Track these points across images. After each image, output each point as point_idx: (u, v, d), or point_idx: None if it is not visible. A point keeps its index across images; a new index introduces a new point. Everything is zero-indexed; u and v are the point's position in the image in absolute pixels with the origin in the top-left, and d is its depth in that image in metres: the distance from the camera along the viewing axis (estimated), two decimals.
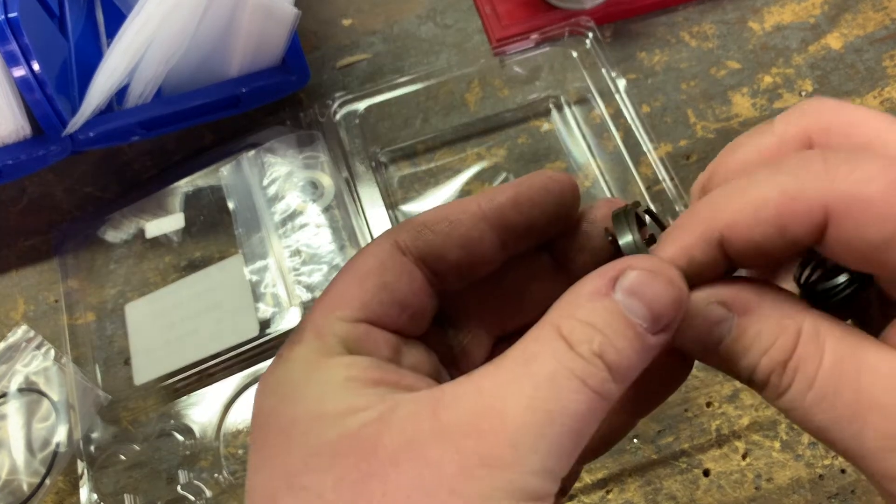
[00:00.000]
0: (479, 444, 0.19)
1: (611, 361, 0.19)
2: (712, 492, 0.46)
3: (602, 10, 0.60)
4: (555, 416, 0.19)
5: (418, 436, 0.19)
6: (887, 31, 0.60)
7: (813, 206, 0.19)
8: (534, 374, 0.19)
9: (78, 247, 0.55)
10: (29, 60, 0.46)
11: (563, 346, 0.19)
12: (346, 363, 0.21)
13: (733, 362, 0.22)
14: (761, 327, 0.21)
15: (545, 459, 0.18)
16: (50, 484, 0.47)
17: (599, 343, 0.19)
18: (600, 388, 0.19)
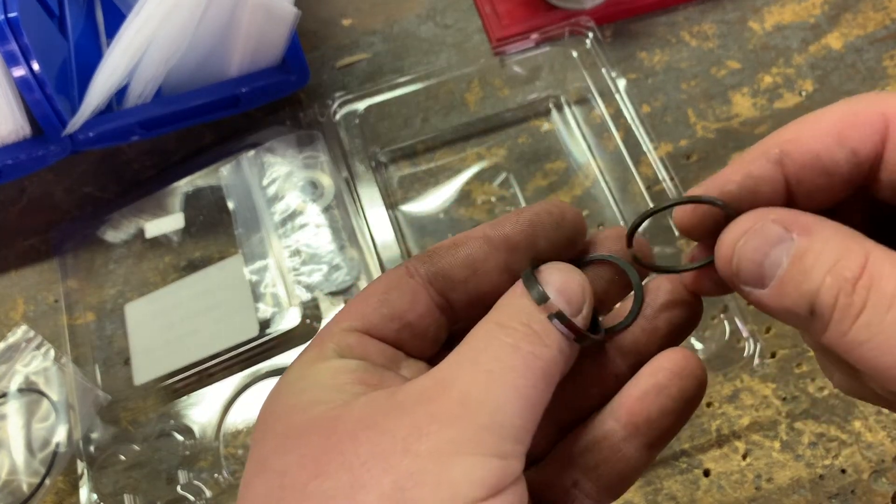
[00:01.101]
0: (429, 407, 0.20)
1: (538, 329, 0.22)
2: (712, 492, 0.46)
3: (602, 10, 0.59)
4: (496, 375, 0.21)
5: (375, 413, 0.21)
6: (887, 31, 0.60)
7: (872, 113, 0.21)
8: (475, 350, 0.22)
9: (77, 247, 0.55)
10: (29, 60, 0.46)
11: (496, 328, 0.22)
12: (334, 365, 0.23)
13: (791, 289, 0.20)
14: (825, 247, 0.20)
15: (494, 414, 0.20)
16: (50, 484, 0.47)
17: (526, 316, 0.22)
18: (534, 350, 0.21)
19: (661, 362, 0.24)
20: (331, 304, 0.49)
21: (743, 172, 0.23)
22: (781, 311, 0.21)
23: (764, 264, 0.21)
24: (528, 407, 0.21)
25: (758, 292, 0.21)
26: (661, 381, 0.23)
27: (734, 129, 0.57)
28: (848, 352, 0.19)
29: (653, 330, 0.26)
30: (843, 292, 0.19)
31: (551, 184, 0.55)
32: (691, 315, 0.26)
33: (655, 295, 0.26)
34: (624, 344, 0.26)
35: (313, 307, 0.49)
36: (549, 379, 0.22)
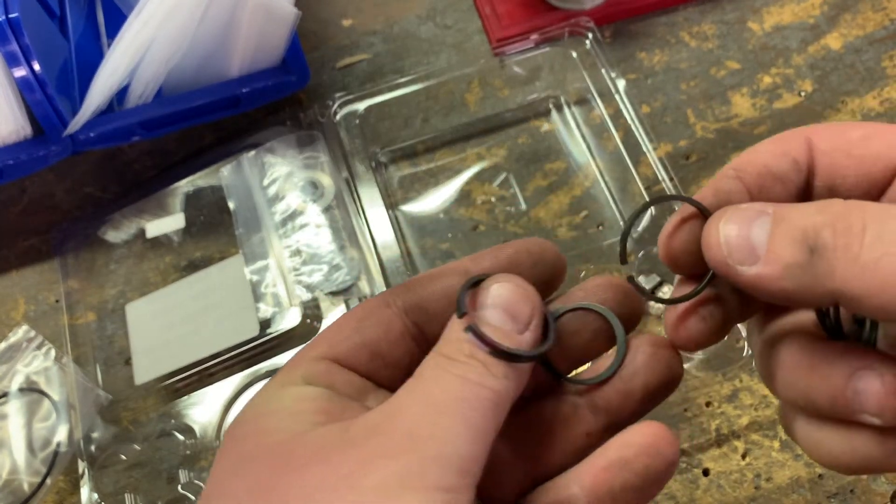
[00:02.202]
0: (377, 441, 0.20)
1: (483, 359, 0.22)
2: (712, 491, 0.46)
3: (602, 11, 0.60)
4: (443, 407, 0.21)
5: (326, 445, 0.21)
6: (887, 32, 0.60)
7: (799, 134, 0.25)
8: (425, 382, 0.22)
9: (78, 247, 0.55)
10: (29, 60, 0.46)
11: (443, 360, 0.22)
12: (298, 392, 0.23)
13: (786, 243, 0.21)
14: (801, 206, 0.21)
15: (441, 447, 0.20)
16: (50, 483, 0.47)
17: (469, 348, 0.22)
18: (480, 380, 0.22)
19: (631, 436, 0.23)
20: (331, 304, 0.49)
21: (713, 189, 0.24)
22: (780, 274, 0.21)
23: (751, 237, 0.21)
24: (477, 439, 0.21)
25: (754, 269, 0.21)
26: (628, 455, 0.23)
27: (734, 129, 0.57)
28: (866, 277, 0.19)
29: (627, 392, 0.25)
30: (839, 220, 0.20)
31: (551, 184, 0.55)
32: (669, 379, 0.26)
33: (635, 355, 0.26)
34: (597, 402, 0.25)
35: (314, 307, 0.49)
36: (498, 409, 0.22)
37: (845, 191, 0.24)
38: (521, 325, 0.23)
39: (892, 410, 0.21)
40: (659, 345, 0.26)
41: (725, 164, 0.25)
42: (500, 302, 0.23)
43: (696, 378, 0.49)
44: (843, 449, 0.23)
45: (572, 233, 0.53)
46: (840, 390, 0.22)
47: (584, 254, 0.51)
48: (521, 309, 0.23)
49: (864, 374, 0.22)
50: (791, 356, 0.24)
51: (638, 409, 0.26)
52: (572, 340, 0.26)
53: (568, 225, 0.54)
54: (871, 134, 0.24)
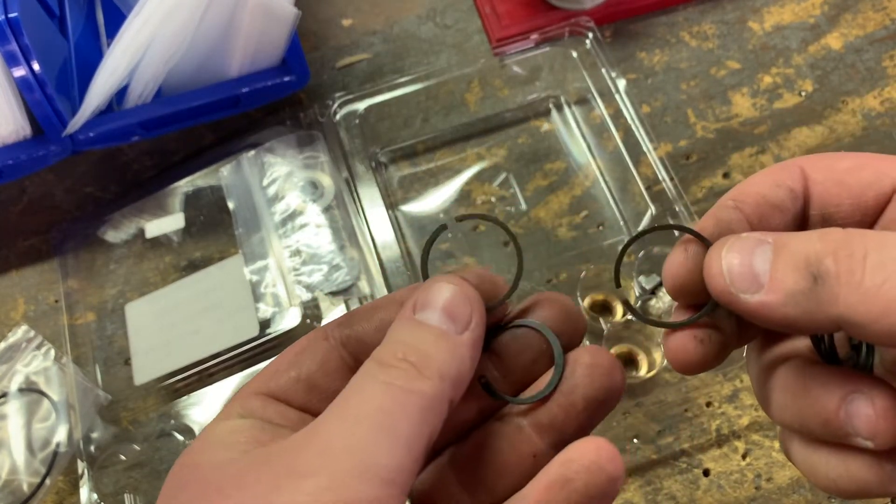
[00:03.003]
0: (292, 460, 0.20)
1: (416, 361, 0.22)
2: (712, 492, 0.46)
3: (602, 10, 0.60)
4: (362, 417, 0.20)
5: (245, 469, 0.21)
6: (887, 32, 0.60)
7: (793, 164, 0.25)
8: (348, 394, 0.22)
9: (78, 247, 0.55)
10: (29, 60, 0.46)
11: (373, 366, 0.22)
12: (231, 425, 0.23)
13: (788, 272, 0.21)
14: (802, 235, 0.22)
15: (359, 459, 0.20)
16: (50, 484, 0.47)
17: (403, 350, 0.22)
18: (409, 385, 0.21)
19: (571, 453, 0.23)
20: (331, 304, 0.49)
21: (713, 218, 0.25)
22: (784, 301, 0.21)
23: (753, 265, 0.22)
24: (402, 447, 0.20)
25: (757, 297, 0.21)
26: (569, 474, 0.22)
27: (734, 129, 0.57)
28: (869, 303, 0.19)
29: (569, 406, 0.25)
30: (841, 248, 0.20)
31: (551, 184, 0.55)
32: (610, 389, 0.25)
33: (573, 368, 0.25)
34: (541, 421, 0.25)
35: (313, 307, 0.49)
36: (430, 413, 0.21)
37: (840, 219, 0.24)
38: (461, 325, 0.23)
39: (884, 433, 0.22)
40: (597, 356, 0.25)
41: (723, 193, 0.26)
42: (439, 302, 0.23)
43: (696, 378, 0.48)
44: (839, 473, 0.23)
45: (572, 233, 0.53)
46: (833, 413, 0.22)
47: (584, 254, 0.51)
48: (460, 310, 0.23)
49: (856, 398, 0.22)
50: (786, 380, 0.24)
51: (583, 423, 0.25)
52: (514, 362, 0.26)
53: (568, 225, 0.54)
54: (861, 164, 0.24)
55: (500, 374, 0.26)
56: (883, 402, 0.22)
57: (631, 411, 0.48)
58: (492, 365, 0.26)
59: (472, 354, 0.23)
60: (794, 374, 0.24)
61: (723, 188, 0.55)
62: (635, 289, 0.48)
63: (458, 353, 0.23)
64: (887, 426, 0.21)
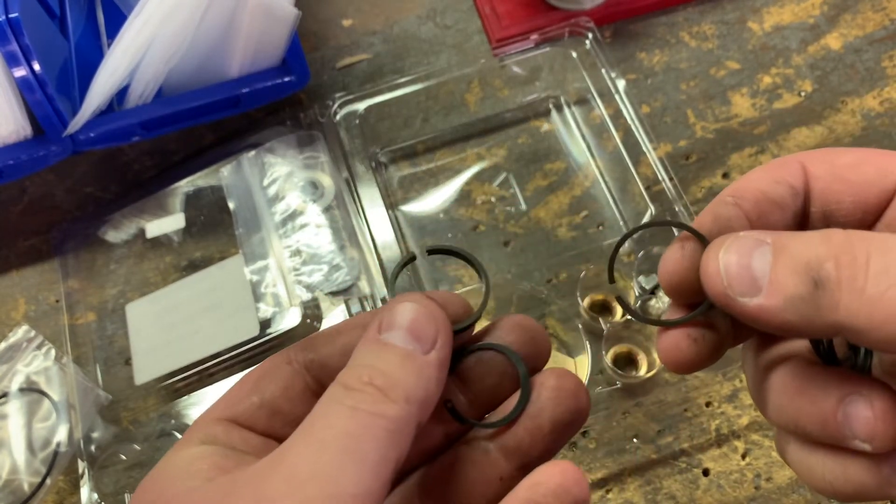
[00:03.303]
0: (256, 488, 0.20)
1: (381, 385, 0.21)
2: (712, 491, 0.46)
3: (602, 11, 0.60)
4: (327, 443, 0.20)
5: (209, 498, 0.20)
6: (886, 32, 0.60)
7: (793, 160, 0.25)
8: (313, 419, 0.21)
9: (78, 247, 0.55)
10: (30, 61, 0.46)
11: (339, 390, 0.22)
12: (193, 453, 0.23)
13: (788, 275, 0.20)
14: (801, 236, 0.21)
15: (324, 486, 0.19)
16: (50, 483, 0.47)
17: (368, 374, 0.21)
18: (373, 408, 0.21)
19: (538, 477, 0.23)
20: (331, 304, 0.50)
21: (712, 214, 0.24)
22: (783, 306, 0.20)
23: (752, 267, 0.21)
24: (368, 471, 0.20)
25: (755, 300, 0.21)
26: (536, 497, 0.22)
27: (733, 129, 0.57)
28: (871, 310, 0.19)
29: (536, 429, 0.25)
30: (842, 252, 0.20)
31: (551, 184, 0.55)
32: (576, 411, 0.25)
33: (540, 391, 0.25)
34: (507, 444, 0.25)
35: (314, 307, 0.49)
36: (397, 436, 0.21)
37: (841, 217, 0.24)
38: (427, 345, 0.23)
39: (882, 436, 0.21)
40: (563, 379, 0.25)
41: (722, 191, 0.25)
42: (404, 322, 0.23)
43: (696, 378, 0.49)
44: (835, 475, 0.23)
45: (572, 233, 0.53)
46: (830, 415, 0.22)
47: (584, 254, 0.51)
48: (425, 329, 0.23)
49: (854, 400, 0.22)
50: (783, 381, 0.24)
51: (549, 446, 0.25)
52: (480, 385, 0.26)
53: (568, 225, 0.54)
54: (862, 160, 0.24)
55: (466, 397, 0.26)
56: (881, 405, 0.21)
57: (630, 411, 0.48)
58: (457, 388, 0.26)
59: (439, 375, 0.23)
60: (791, 375, 0.24)
61: (722, 188, 0.54)
62: (635, 289, 0.48)
63: (424, 373, 0.22)
64: (886, 429, 0.21)
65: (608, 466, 0.47)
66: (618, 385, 0.48)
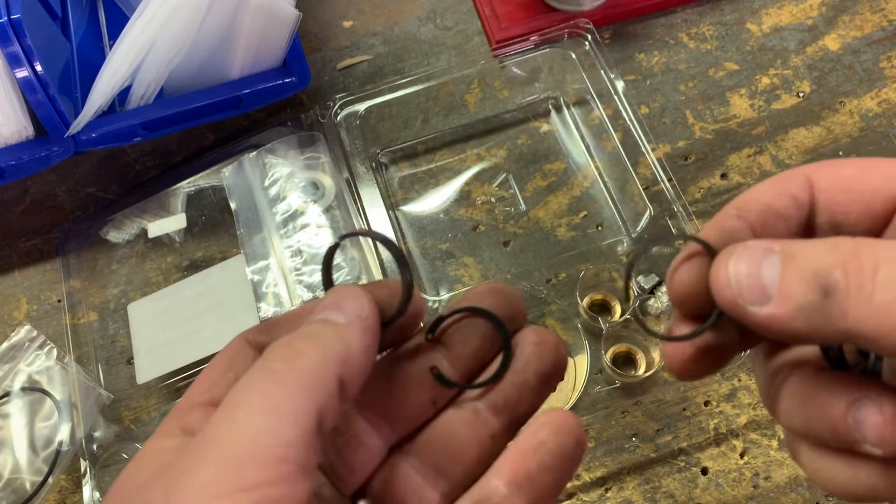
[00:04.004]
0: (182, 463, 0.20)
1: (297, 344, 0.22)
2: (710, 490, 0.46)
3: (601, 12, 0.60)
4: (238, 405, 0.20)
5: (150, 485, 0.21)
6: (885, 33, 0.60)
7: (798, 173, 0.25)
8: (234, 390, 0.21)
9: (80, 247, 0.55)
10: (31, 62, 0.46)
11: (261, 360, 0.22)
12: (164, 445, 0.23)
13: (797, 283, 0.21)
14: (810, 244, 0.21)
15: (239, 442, 0.19)
16: (52, 482, 0.47)
17: (288, 339, 0.22)
18: (287, 364, 0.21)
19: (541, 420, 0.24)
20: None
21: (717, 227, 0.24)
22: (793, 315, 0.21)
23: (761, 276, 0.21)
24: (285, 422, 0.20)
25: (765, 309, 0.21)
26: (541, 437, 0.23)
27: (732, 130, 0.57)
28: (880, 318, 0.19)
29: (522, 383, 0.26)
30: (850, 261, 0.20)
31: (550, 184, 0.55)
32: (557, 363, 0.26)
33: (522, 347, 0.26)
34: (496, 401, 0.26)
35: None
36: (311, 387, 0.21)
37: (848, 227, 0.24)
38: (349, 316, 0.23)
39: (893, 441, 0.21)
40: (542, 334, 0.26)
41: (727, 204, 0.25)
42: (328, 303, 0.24)
43: None
44: (846, 477, 0.23)
45: (571, 233, 0.54)
46: (840, 420, 0.22)
47: (583, 254, 0.51)
48: (348, 304, 0.23)
49: (864, 405, 0.22)
50: (793, 386, 0.24)
51: (535, 399, 0.26)
52: (463, 349, 0.27)
53: (567, 225, 0.54)
54: (866, 170, 0.24)
55: (450, 362, 0.27)
56: (892, 409, 0.21)
57: (629, 410, 0.48)
58: (440, 355, 0.27)
59: (363, 340, 0.23)
60: (801, 381, 0.24)
61: (721, 189, 0.55)
62: (634, 289, 0.48)
63: (345, 336, 0.23)
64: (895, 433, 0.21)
65: (607, 465, 0.47)
66: (617, 384, 0.48)
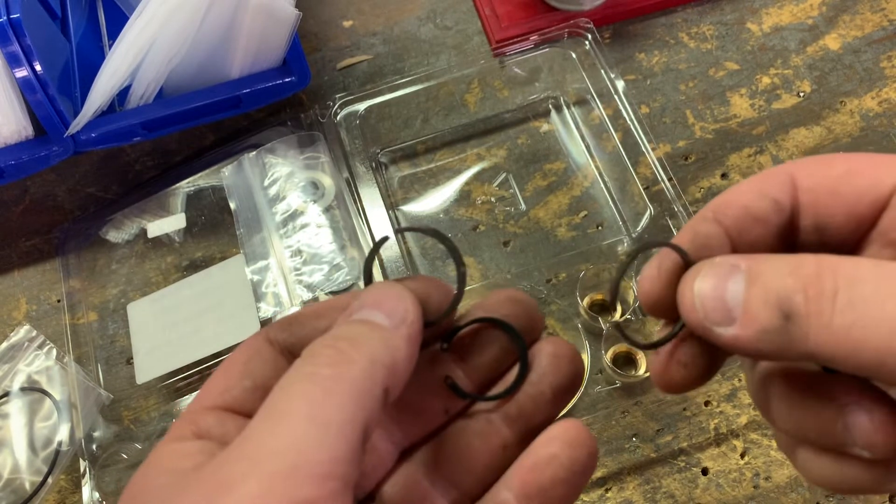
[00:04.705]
0: (219, 474, 0.19)
1: (344, 347, 0.21)
2: (711, 490, 0.46)
3: (601, 12, 0.60)
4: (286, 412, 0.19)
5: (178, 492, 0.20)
6: (885, 32, 0.60)
7: (781, 172, 0.24)
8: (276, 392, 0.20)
9: (80, 247, 0.55)
10: (31, 61, 0.46)
11: (301, 361, 0.21)
12: (179, 448, 0.22)
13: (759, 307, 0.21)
14: (774, 263, 0.21)
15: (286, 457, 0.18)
16: (52, 482, 0.47)
17: (332, 340, 0.21)
18: (336, 371, 0.20)
19: (553, 432, 0.24)
20: None
21: (691, 232, 0.24)
22: (757, 337, 0.21)
23: (726, 298, 0.21)
24: (333, 436, 0.19)
25: (730, 330, 0.21)
26: (553, 450, 0.23)
27: (732, 129, 0.57)
28: (838, 343, 0.20)
29: (538, 395, 0.25)
30: (811, 285, 0.20)
31: (550, 184, 0.55)
32: (574, 376, 0.26)
33: (538, 359, 0.26)
34: (510, 412, 0.25)
35: None
36: (361, 396, 0.20)
37: (834, 230, 0.24)
38: (395, 320, 0.22)
39: (881, 444, 0.22)
40: (559, 346, 0.26)
41: (706, 205, 0.25)
42: (372, 301, 0.23)
43: None
44: (833, 473, 0.23)
45: (572, 233, 0.54)
46: (831, 424, 0.22)
47: (583, 254, 0.51)
48: (394, 306, 0.23)
49: (854, 409, 0.22)
50: (783, 390, 0.24)
51: (550, 412, 0.26)
52: (478, 360, 0.26)
53: (567, 225, 0.54)
54: (855, 169, 0.23)
55: (465, 372, 0.26)
56: (881, 415, 0.22)
57: (630, 410, 0.48)
58: (455, 364, 0.26)
59: (408, 348, 0.22)
60: (791, 385, 0.24)
61: (721, 188, 0.55)
62: (634, 289, 0.48)
63: (391, 342, 0.22)
64: (885, 438, 0.22)
65: (607, 465, 0.47)
66: (617, 384, 0.48)
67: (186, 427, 0.23)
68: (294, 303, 0.49)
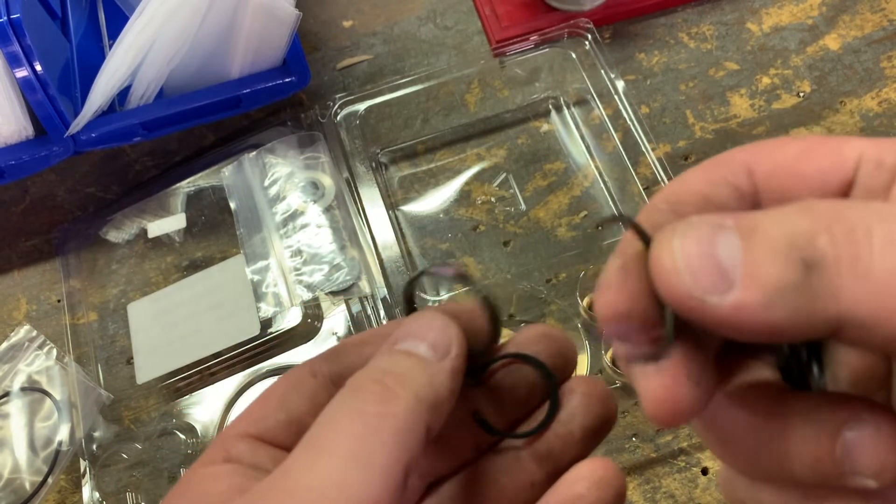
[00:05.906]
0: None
1: (390, 383, 0.20)
2: (711, 490, 0.46)
3: (601, 12, 0.60)
4: (331, 450, 0.19)
5: None
6: (885, 33, 0.60)
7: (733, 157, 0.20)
8: (319, 426, 0.20)
9: (80, 247, 0.55)
10: (31, 61, 0.46)
11: (345, 393, 0.21)
12: (214, 472, 0.22)
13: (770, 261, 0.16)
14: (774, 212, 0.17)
15: (328, 496, 0.18)
16: (52, 482, 0.47)
17: (377, 374, 0.21)
18: (382, 408, 0.20)
19: (580, 472, 0.23)
20: (332, 304, 0.50)
21: (650, 223, 0.19)
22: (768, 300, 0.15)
23: (719, 256, 0.16)
24: (377, 476, 0.18)
25: (729, 297, 0.16)
26: (580, 490, 0.22)
27: (732, 129, 0.57)
28: (882, 294, 0.15)
29: (567, 435, 0.25)
30: (835, 221, 0.15)
31: (550, 184, 0.55)
32: (606, 418, 0.25)
33: (569, 398, 0.25)
34: (539, 450, 0.25)
35: (314, 307, 0.49)
36: (405, 435, 0.20)
37: None
38: (440, 354, 0.22)
39: (893, 469, 0.17)
40: (592, 386, 0.25)
41: (653, 196, 0.21)
42: (418, 332, 0.22)
43: None
44: None
45: (572, 233, 0.54)
46: (826, 451, 0.18)
47: (583, 254, 0.51)
48: (439, 338, 0.22)
49: (857, 428, 0.17)
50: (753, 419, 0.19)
51: (579, 451, 0.25)
52: (508, 396, 0.26)
53: (567, 225, 0.54)
54: (811, 147, 0.20)
55: (495, 408, 0.26)
56: (890, 432, 0.17)
57: (629, 410, 0.48)
58: (486, 400, 0.26)
59: (451, 383, 0.22)
60: (764, 411, 0.19)
61: None
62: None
63: (436, 378, 0.21)
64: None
65: None
66: (617, 384, 0.48)
67: (217, 453, 0.22)
68: (294, 303, 0.49)
